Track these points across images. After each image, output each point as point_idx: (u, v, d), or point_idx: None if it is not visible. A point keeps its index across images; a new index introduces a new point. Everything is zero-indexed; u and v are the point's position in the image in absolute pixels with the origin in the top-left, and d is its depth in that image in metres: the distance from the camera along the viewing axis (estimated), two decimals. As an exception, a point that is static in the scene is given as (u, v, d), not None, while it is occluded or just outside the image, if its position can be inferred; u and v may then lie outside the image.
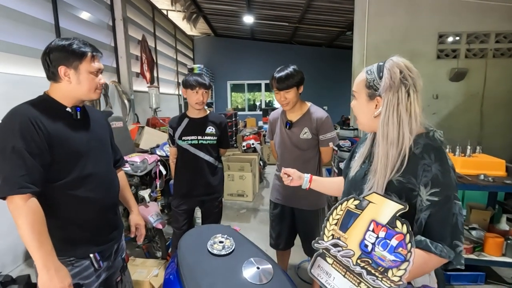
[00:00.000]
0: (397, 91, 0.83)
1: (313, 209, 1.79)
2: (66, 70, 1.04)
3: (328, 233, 0.85)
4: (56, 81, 1.07)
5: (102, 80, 1.14)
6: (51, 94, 1.09)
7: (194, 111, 1.97)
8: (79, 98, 1.11)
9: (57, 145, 1.02)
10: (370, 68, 0.90)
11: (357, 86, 0.93)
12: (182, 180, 2.00)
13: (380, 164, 0.85)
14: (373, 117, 0.90)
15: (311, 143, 1.73)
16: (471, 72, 4.08)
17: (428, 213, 0.79)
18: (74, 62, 1.05)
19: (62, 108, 1.09)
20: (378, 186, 0.84)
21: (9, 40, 2.68)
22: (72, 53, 1.04)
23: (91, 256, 1.13)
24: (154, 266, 2.12)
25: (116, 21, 4.42)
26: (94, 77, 1.10)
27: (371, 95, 0.89)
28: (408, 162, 0.82)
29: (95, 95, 1.14)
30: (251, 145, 4.85)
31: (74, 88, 1.08)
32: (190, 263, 1.09)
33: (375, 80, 0.87)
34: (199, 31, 8.73)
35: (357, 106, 0.94)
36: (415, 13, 4.09)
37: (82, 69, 1.06)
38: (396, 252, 0.72)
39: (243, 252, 1.15)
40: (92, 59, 1.09)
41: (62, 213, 1.06)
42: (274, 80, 1.68)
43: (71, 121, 1.10)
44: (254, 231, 3.15)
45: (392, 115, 0.83)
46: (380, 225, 0.77)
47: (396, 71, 0.83)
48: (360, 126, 0.98)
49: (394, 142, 0.83)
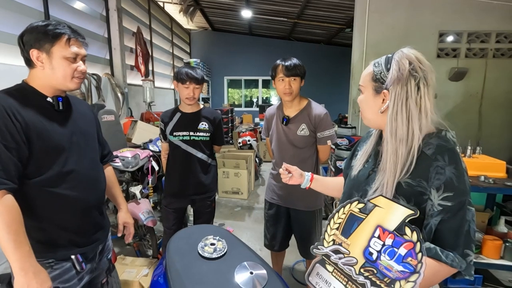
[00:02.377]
0: (406, 83, 0.76)
1: (309, 210, 1.73)
2: (38, 53, 0.94)
3: (328, 238, 0.78)
4: (31, 67, 0.98)
5: (81, 67, 1.02)
6: (30, 82, 1.00)
7: (186, 106, 1.88)
8: (55, 87, 1.01)
9: (35, 138, 0.93)
10: (378, 60, 0.84)
11: (363, 80, 0.87)
12: (173, 178, 1.91)
13: (389, 162, 0.78)
14: (379, 112, 0.83)
15: (308, 140, 1.66)
16: (471, 72, 4.04)
17: (440, 219, 0.73)
18: (45, 44, 0.94)
19: (42, 97, 0.99)
20: (388, 187, 0.77)
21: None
22: (44, 34, 0.93)
23: (73, 258, 1.05)
24: (144, 266, 2.05)
25: (110, 11, 4.28)
26: (69, 63, 0.98)
27: (378, 89, 0.82)
28: (419, 164, 0.75)
29: (72, 84, 1.01)
30: (247, 142, 4.78)
31: (47, 74, 0.97)
32: (179, 268, 1.01)
33: (382, 72, 0.80)
34: (196, 25, 8.57)
35: (363, 101, 0.88)
36: (416, 11, 4.03)
37: (55, 53, 0.95)
38: (404, 262, 0.65)
39: (235, 255, 1.08)
40: (68, 42, 0.97)
41: (40, 212, 0.98)
42: (282, 67, 1.60)
43: (52, 113, 1.01)
44: (249, 230, 3.09)
45: (401, 109, 0.76)
46: (387, 231, 0.70)
47: (405, 62, 0.76)
48: (365, 121, 0.92)
49: (403, 139, 0.77)
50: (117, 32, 4.33)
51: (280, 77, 1.62)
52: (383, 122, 0.84)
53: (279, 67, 1.62)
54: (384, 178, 0.79)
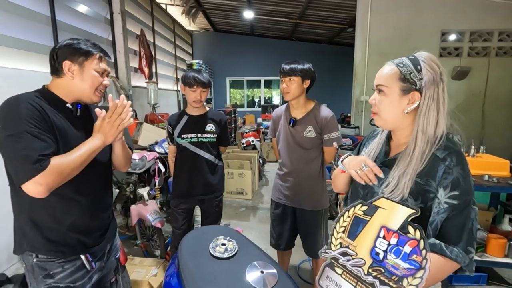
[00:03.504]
0: (437, 85, 0.81)
1: (315, 210, 1.76)
2: (71, 65, 1.02)
3: (335, 241, 0.81)
4: (58, 76, 1.04)
5: (105, 82, 1.11)
6: (51, 88, 1.06)
7: (193, 108, 1.92)
8: (79, 97, 1.07)
9: (58, 137, 0.99)
10: (399, 61, 0.85)
11: (386, 80, 0.85)
12: (181, 179, 1.95)
13: (415, 162, 0.81)
14: (403, 113, 0.85)
15: (314, 142, 1.69)
16: (473, 71, 4.05)
17: (445, 216, 0.76)
18: (80, 58, 1.03)
19: (62, 103, 1.05)
20: (407, 186, 0.80)
21: (2, 33, 2.60)
22: (79, 50, 1.03)
23: (83, 257, 1.08)
24: (153, 266, 2.09)
25: (114, 15, 4.33)
26: (98, 75, 1.07)
27: (407, 89, 0.83)
28: (428, 163, 0.80)
29: (95, 97, 1.09)
30: (250, 142, 4.81)
31: (76, 84, 1.04)
32: (192, 267, 1.05)
33: (412, 73, 0.82)
34: (198, 26, 8.62)
35: (385, 102, 0.87)
36: (418, 10, 4.04)
37: (87, 66, 1.04)
38: (410, 259, 0.68)
39: (246, 255, 1.11)
40: (99, 60, 1.07)
41: (52, 212, 1.02)
42: (281, 69, 1.68)
43: (70, 118, 1.06)
44: (254, 230, 3.12)
45: (433, 110, 0.81)
46: (391, 231, 0.74)
47: (435, 66, 0.81)
48: (380, 122, 0.91)
49: (431, 138, 0.81)
50: (121, 35, 4.38)
51: (281, 77, 1.71)
52: (404, 123, 0.86)
53: (280, 69, 1.71)
54: (405, 178, 0.81)
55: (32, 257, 1.02)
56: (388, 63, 0.89)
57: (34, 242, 1.01)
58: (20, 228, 1.03)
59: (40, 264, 1.02)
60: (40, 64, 2.91)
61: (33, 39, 2.92)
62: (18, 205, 1.02)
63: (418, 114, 0.83)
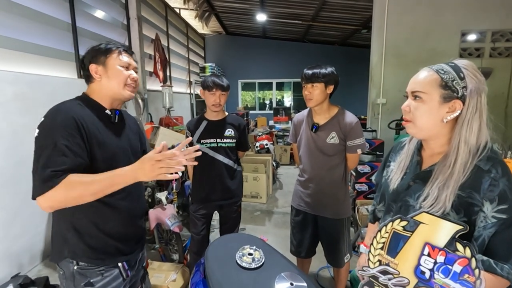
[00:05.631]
0: (481, 95, 0.77)
1: (337, 218, 1.72)
2: (96, 67, 1.05)
3: (373, 258, 0.78)
4: (90, 82, 1.08)
5: (134, 75, 1.10)
6: (90, 94, 1.09)
7: (212, 113, 1.92)
8: (112, 97, 1.08)
9: (97, 147, 1.00)
10: (439, 67, 0.81)
11: (425, 87, 0.82)
12: (200, 185, 1.95)
13: (457, 174, 0.77)
14: (441, 122, 0.81)
15: (338, 148, 1.65)
16: (495, 72, 3.91)
17: (494, 231, 0.72)
18: (101, 57, 1.05)
19: (102, 109, 1.08)
20: (449, 199, 0.77)
21: (25, 40, 2.67)
22: (99, 50, 1.06)
23: (120, 266, 1.09)
24: (172, 271, 2.09)
25: (130, 20, 4.40)
26: (123, 69, 1.07)
27: (448, 97, 0.79)
28: (470, 174, 0.76)
29: (126, 92, 1.09)
30: (264, 146, 4.78)
31: (105, 84, 1.06)
32: (219, 277, 1.03)
33: (455, 80, 0.78)
34: (211, 29, 8.68)
35: (422, 109, 0.82)
36: (437, 10, 3.94)
37: (109, 63, 1.05)
38: (461, 279, 0.64)
39: (273, 265, 1.09)
40: (119, 54, 1.08)
41: (93, 219, 1.04)
42: (303, 74, 1.65)
43: (108, 124, 1.08)
44: (270, 235, 3.09)
45: (476, 120, 0.77)
46: (437, 248, 0.70)
47: (478, 74, 0.78)
48: (414, 130, 0.86)
49: (473, 150, 0.77)
50: (137, 40, 4.44)
51: (303, 83, 1.67)
52: (441, 132, 0.83)
53: (302, 74, 1.67)
54: (446, 191, 0.78)
55: (73, 264, 1.02)
56: (425, 69, 0.85)
57: (75, 248, 1.01)
58: (61, 234, 1.03)
59: (81, 271, 1.02)
60: (61, 70, 2.98)
61: (55, 45, 2.99)
62: (60, 211, 1.01)
63: (460, 124, 0.79)
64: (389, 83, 4.10)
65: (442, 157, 0.83)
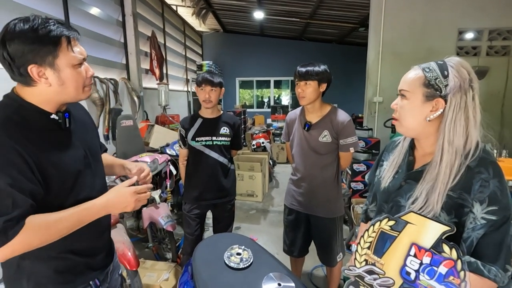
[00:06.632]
0: (465, 93, 0.75)
1: (330, 217, 1.71)
2: (39, 70, 0.75)
3: (360, 258, 0.77)
4: (29, 85, 0.78)
5: (90, 71, 0.85)
6: (26, 97, 0.79)
7: (207, 111, 1.90)
8: (63, 102, 0.84)
9: (52, 169, 0.79)
10: (426, 65, 0.81)
11: (409, 85, 0.82)
12: (194, 183, 1.93)
13: (443, 175, 0.76)
14: (425, 121, 0.80)
15: (330, 147, 1.64)
16: (492, 71, 3.90)
17: (483, 233, 0.71)
18: (47, 57, 0.74)
19: (45, 115, 0.81)
20: (438, 202, 0.75)
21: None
22: (41, 42, 0.73)
23: (91, 284, 0.96)
24: (164, 270, 2.07)
25: (126, 17, 4.35)
26: (79, 70, 0.81)
27: (430, 95, 0.79)
28: (461, 175, 0.75)
29: (84, 95, 0.85)
30: (261, 144, 4.77)
31: (56, 91, 0.79)
32: (206, 278, 1.02)
33: (438, 78, 0.77)
34: (208, 27, 8.63)
35: (407, 107, 0.83)
36: (434, 8, 3.92)
37: (60, 64, 0.77)
38: (446, 281, 0.63)
39: (261, 265, 1.08)
40: (69, 45, 0.78)
41: (58, 242, 0.83)
42: (296, 72, 1.64)
43: (58, 133, 0.84)
44: (265, 234, 3.09)
45: (460, 119, 0.76)
46: (424, 249, 0.68)
47: (464, 72, 0.75)
48: (402, 129, 0.87)
49: (460, 150, 0.75)
50: (133, 37, 4.40)
51: (296, 81, 1.66)
52: (426, 131, 0.81)
53: (295, 72, 1.66)
54: (432, 191, 0.77)
55: None
56: (414, 67, 0.84)
57: (38, 277, 0.85)
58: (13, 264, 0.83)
59: None
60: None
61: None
62: None
63: (443, 123, 0.78)
64: (386, 82, 4.08)
65: (433, 158, 0.82)
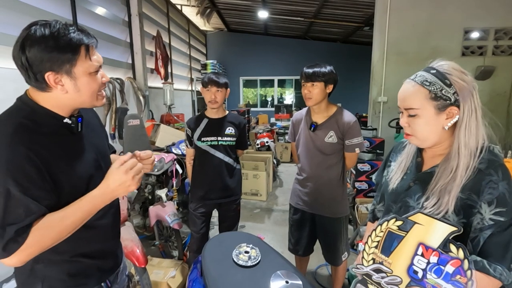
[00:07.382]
0: (472, 95, 0.78)
1: (335, 217, 1.72)
2: (55, 77, 0.76)
3: (368, 257, 0.79)
4: (44, 90, 0.78)
5: (104, 78, 0.87)
6: (39, 101, 0.80)
7: (212, 111, 1.93)
8: (77, 107, 0.86)
9: (63, 176, 0.81)
10: (422, 79, 0.80)
11: (417, 103, 0.81)
12: (200, 183, 1.96)
13: (459, 179, 0.77)
14: (443, 129, 0.81)
15: (336, 147, 1.66)
16: (498, 70, 3.88)
17: (490, 233, 0.73)
18: (64, 65, 0.76)
19: (58, 119, 0.83)
20: (451, 204, 0.77)
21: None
22: (60, 51, 0.74)
23: (103, 285, 0.99)
24: (171, 267, 2.11)
25: (132, 17, 4.39)
26: (95, 77, 0.82)
27: (442, 106, 0.79)
28: (470, 177, 0.77)
29: (99, 102, 0.88)
30: (265, 143, 4.79)
31: (71, 97, 0.81)
32: (215, 275, 1.04)
33: (443, 89, 0.78)
34: (212, 26, 8.66)
35: (419, 123, 0.82)
36: (439, 7, 3.90)
37: (77, 72, 0.78)
38: (453, 280, 0.65)
39: (269, 264, 1.10)
40: (88, 53, 0.79)
41: (70, 245, 0.87)
42: (302, 73, 1.65)
43: (69, 137, 0.85)
44: (269, 232, 3.11)
45: (473, 122, 0.78)
46: (431, 249, 0.70)
47: (462, 74, 0.78)
48: (418, 141, 0.86)
49: (473, 152, 0.78)
50: (138, 37, 4.44)
51: (302, 82, 1.67)
52: (444, 138, 0.83)
53: (301, 73, 1.67)
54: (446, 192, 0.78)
55: None
56: (408, 82, 0.83)
57: (51, 281, 0.87)
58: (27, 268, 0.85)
59: None
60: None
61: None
62: None
63: (459, 128, 0.79)
64: (391, 81, 4.08)
65: (443, 160, 0.83)
